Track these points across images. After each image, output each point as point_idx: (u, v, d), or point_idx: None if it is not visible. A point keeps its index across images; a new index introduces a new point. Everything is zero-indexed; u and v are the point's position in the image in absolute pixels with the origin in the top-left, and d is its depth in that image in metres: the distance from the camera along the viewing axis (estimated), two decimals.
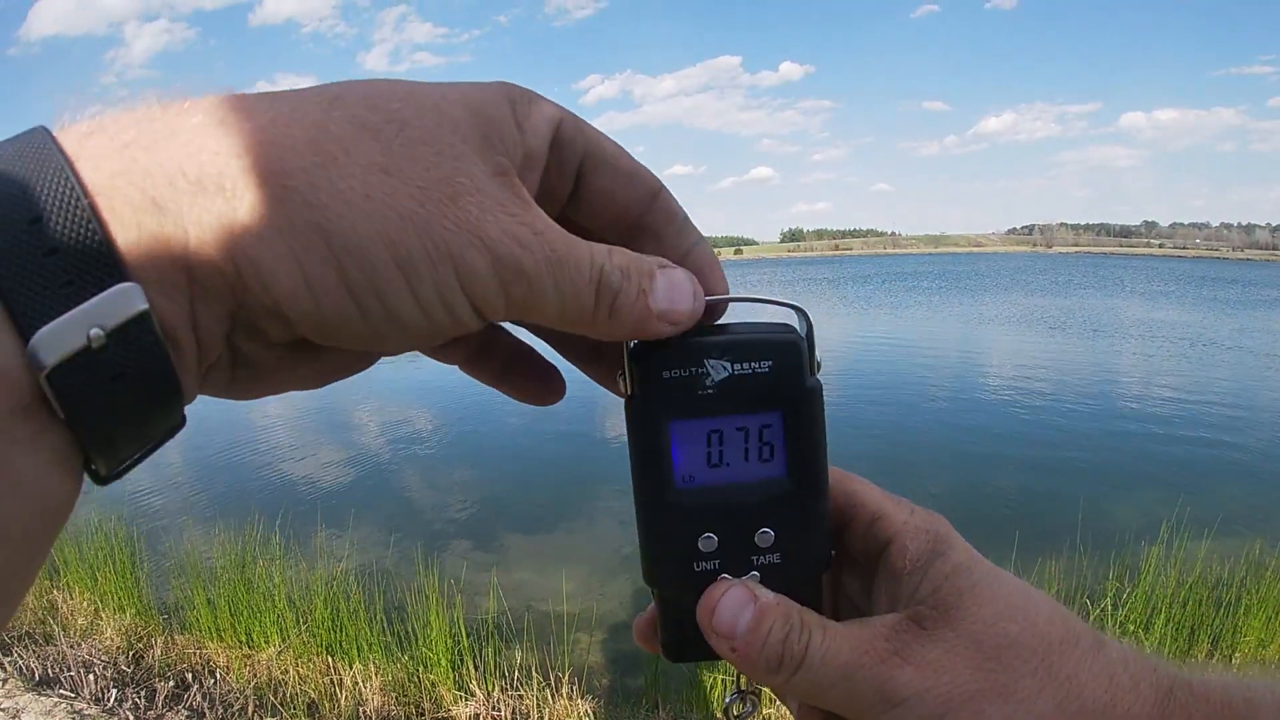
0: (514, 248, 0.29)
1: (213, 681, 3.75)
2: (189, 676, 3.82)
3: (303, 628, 3.97)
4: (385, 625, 3.99)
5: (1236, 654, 3.75)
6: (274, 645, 3.95)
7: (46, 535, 0.26)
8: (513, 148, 0.32)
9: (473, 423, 10.22)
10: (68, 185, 0.25)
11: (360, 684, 3.68)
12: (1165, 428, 9.39)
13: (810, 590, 0.41)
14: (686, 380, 0.38)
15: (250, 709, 3.57)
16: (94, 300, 0.25)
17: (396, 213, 0.28)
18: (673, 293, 0.35)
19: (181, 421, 0.29)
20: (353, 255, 0.27)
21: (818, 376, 0.40)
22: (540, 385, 0.41)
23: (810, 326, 0.40)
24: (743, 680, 0.45)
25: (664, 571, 0.41)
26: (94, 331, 0.24)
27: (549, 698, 3.55)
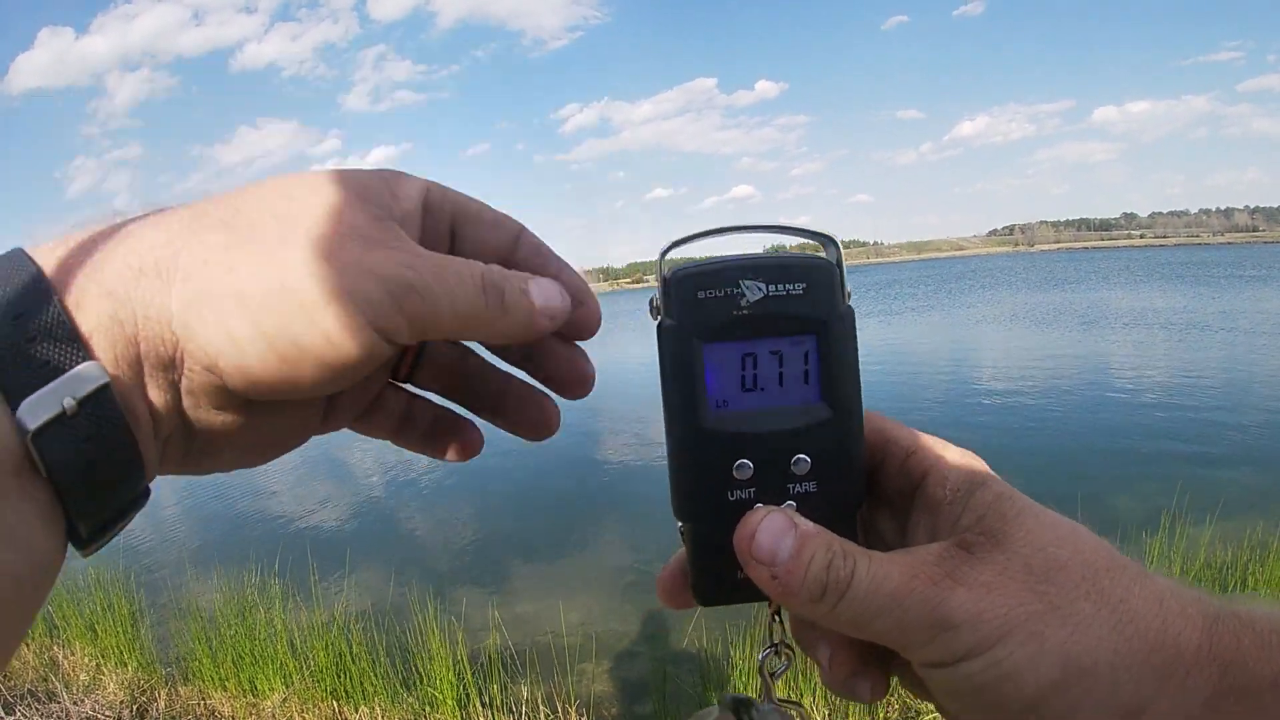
0: (400, 269, 0.33)
1: None
2: None
3: (306, 673, 3.92)
4: (389, 667, 3.95)
5: None
6: (278, 693, 3.90)
7: (38, 586, 0.31)
8: (388, 207, 0.36)
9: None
10: (41, 288, 0.31)
11: None
12: (1160, 416, 9.40)
13: (845, 527, 0.39)
14: (721, 301, 0.38)
15: None
16: (66, 376, 0.30)
17: (292, 268, 0.32)
18: (546, 291, 0.38)
19: (146, 493, 0.34)
20: (263, 307, 0.32)
21: (850, 304, 0.40)
22: (461, 441, 0.46)
23: (840, 254, 0.41)
24: (775, 633, 0.44)
25: (697, 502, 0.40)
26: (67, 401, 0.30)
27: None
